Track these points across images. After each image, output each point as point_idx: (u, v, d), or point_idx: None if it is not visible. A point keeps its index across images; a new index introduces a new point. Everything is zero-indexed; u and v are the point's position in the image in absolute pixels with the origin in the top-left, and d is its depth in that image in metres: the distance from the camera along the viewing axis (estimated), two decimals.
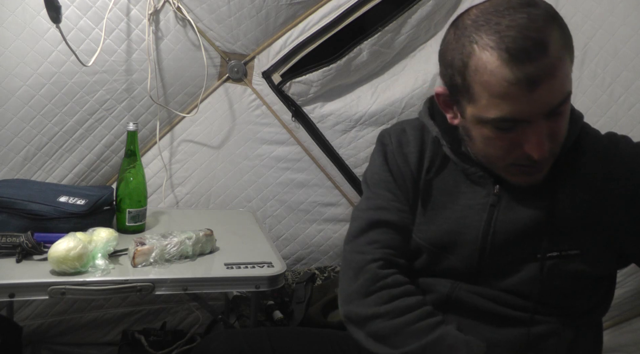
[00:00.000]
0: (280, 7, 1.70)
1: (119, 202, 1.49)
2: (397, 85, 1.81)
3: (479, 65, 0.82)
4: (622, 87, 1.60)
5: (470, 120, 0.89)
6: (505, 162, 0.90)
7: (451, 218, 0.98)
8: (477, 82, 0.83)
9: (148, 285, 1.22)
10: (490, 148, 0.90)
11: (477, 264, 0.96)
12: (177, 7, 1.67)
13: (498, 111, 0.83)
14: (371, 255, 0.98)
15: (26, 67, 1.58)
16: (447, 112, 0.96)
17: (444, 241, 0.98)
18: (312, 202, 1.95)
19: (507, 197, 0.95)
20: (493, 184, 0.97)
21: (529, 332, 0.94)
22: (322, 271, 1.95)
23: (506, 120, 0.84)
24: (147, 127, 1.81)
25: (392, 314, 0.91)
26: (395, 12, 1.71)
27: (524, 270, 0.94)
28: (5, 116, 1.60)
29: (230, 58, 1.81)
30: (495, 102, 0.83)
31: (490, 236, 0.95)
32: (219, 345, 1.07)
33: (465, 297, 0.97)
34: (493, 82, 0.81)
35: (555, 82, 0.81)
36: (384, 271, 0.96)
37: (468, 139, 0.94)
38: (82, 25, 1.61)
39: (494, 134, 0.87)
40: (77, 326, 1.88)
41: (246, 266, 1.33)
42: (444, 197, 1.00)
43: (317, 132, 1.87)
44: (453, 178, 1.00)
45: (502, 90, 0.81)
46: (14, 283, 1.16)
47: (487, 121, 0.86)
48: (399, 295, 0.94)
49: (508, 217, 0.95)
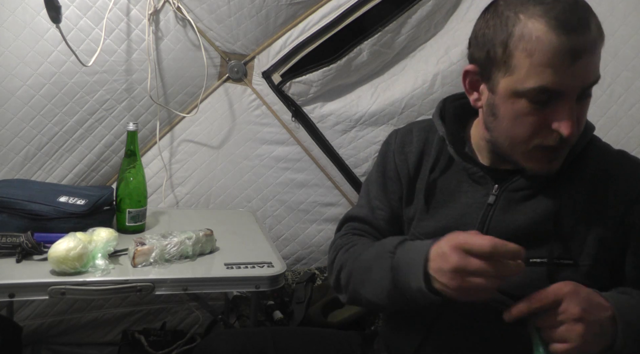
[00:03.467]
0: (280, 7, 1.70)
1: (119, 202, 1.49)
2: (397, 85, 1.81)
3: (524, 32, 0.83)
4: (622, 87, 1.60)
5: (502, 94, 0.88)
6: (529, 144, 0.89)
7: (451, 215, 1.00)
8: (520, 49, 0.84)
9: (148, 285, 1.22)
10: (518, 126, 0.88)
11: None
12: (177, 7, 1.67)
13: (538, 79, 0.83)
14: (338, 245, 1.09)
15: (26, 67, 1.58)
16: (471, 94, 0.97)
17: (442, 236, 0.99)
18: (312, 202, 1.96)
19: (505, 198, 0.96)
20: (492, 184, 0.98)
21: (519, 331, 0.92)
22: (322, 271, 1.95)
23: (544, 91, 0.84)
24: (147, 127, 1.81)
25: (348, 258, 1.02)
26: (395, 12, 1.71)
27: None
28: (5, 116, 1.60)
29: (230, 58, 1.81)
30: (536, 70, 0.83)
31: (484, 233, 0.94)
32: (220, 344, 1.08)
33: None
34: (538, 49, 0.82)
35: (593, 59, 0.84)
36: (339, 240, 1.10)
37: (493, 119, 0.92)
38: (82, 25, 1.61)
39: (527, 108, 0.86)
40: (77, 326, 1.88)
41: (246, 266, 1.33)
42: (446, 196, 1.01)
43: (317, 132, 1.87)
44: (456, 178, 1.02)
45: (546, 57, 0.82)
46: (14, 283, 1.15)
47: (523, 92, 0.85)
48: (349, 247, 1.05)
49: (503, 217, 0.95)
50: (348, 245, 1.07)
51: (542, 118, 0.86)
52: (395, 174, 1.08)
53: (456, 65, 1.73)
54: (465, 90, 0.98)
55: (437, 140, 1.05)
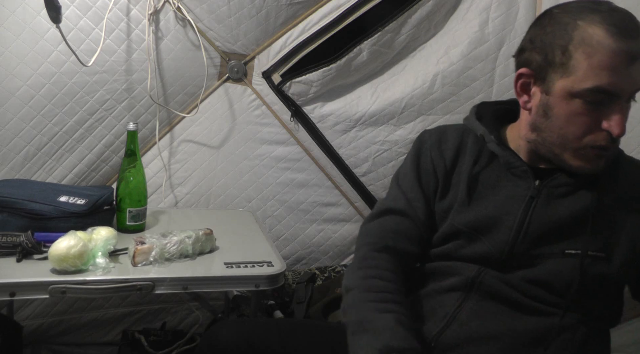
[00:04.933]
0: (280, 7, 1.71)
1: (119, 202, 1.49)
2: (397, 85, 1.81)
3: (585, 36, 0.91)
4: None
5: (558, 94, 0.95)
6: (581, 143, 0.96)
7: (492, 206, 1.04)
8: (580, 52, 0.91)
9: (148, 283, 1.22)
10: (571, 125, 0.95)
11: (508, 250, 1.01)
12: (177, 7, 1.67)
13: (596, 80, 0.90)
14: (370, 238, 1.09)
15: (26, 67, 1.58)
16: (521, 96, 1.04)
17: (483, 224, 1.04)
18: (312, 202, 1.96)
19: (546, 193, 1.02)
20: (533, 179, 1.03)
21: (546, 323, 0.97)
22: (323, 271, 1.95)
23: (600, 91, 0.91)
24: (147, 127, 1.81)
25: (358, 289, 1.00)
26: (395, 12, 1.71)
27: (551, 264, 0.99)
28: (5, 116, 1.60)
29: (230, 58, 1.81)
30: (594, 72, 0.90)
31: (525, 225, 1.01)
32: (227, 333, 1.08)
33: (489, 282, 1.01)
34: (598, 51, 0.90)
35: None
36: (373, 253, 1.06)
37: (544, 120, 0.99)
38: (82, 25, 1.61)
39: (581, 108, 0.93)
40: (77, 326, 1.88)
41: (246, 265, 1.33)
42: (487, 189, 1.06)
43: (317, 132, 1.87)
44: (496, 173, 1.07)
45: (604, 60, 0.89)
46: (14, 282, 1.16)
47: (579, 92, 0.92)
48: (373, 275, 1.02)
49: (544, 210, 1.01)
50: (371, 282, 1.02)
51: (594, 119, 0.93)
52: (432, 168, 1.11)
53: (456, 65, 1.74)
54: (516, 93, 1.05)
55: (474, 140, 1.10)
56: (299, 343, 1.09)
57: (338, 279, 1.86)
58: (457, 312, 1.01)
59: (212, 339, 1.09)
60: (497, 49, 1.71)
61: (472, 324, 0.99)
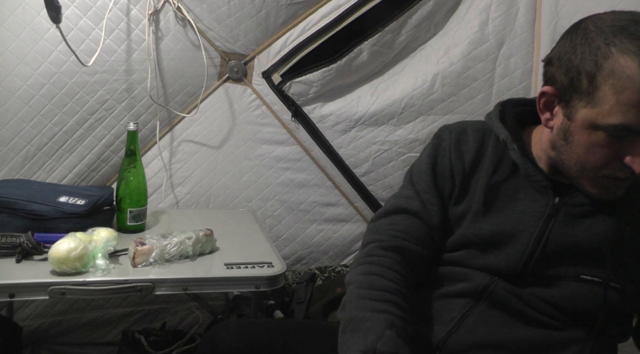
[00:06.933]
0: (280, 7, 1.70)
1: (119, 202, 1.49)
2: (397, 85, 1.81)
3: (615, 68, 0.83)
4: None
5: (580, 123, 0.89)
6: (599, 173, 0.91)
7: (507, 221, 1.00)
8: (608, 85, 0.84)
9: (148, 285, 1.22)
10: (591, 155, 0.90)
11: (521, 268, 0.98)
12: (177, 7, 1.67)
13: (622, 118, 0.84)
14: (379, 236, 1.03)
15: (26, 67, 1.58)
16: (543, 113, 0.97)
17: (496, 239, 1.00)
18: (312, 202, 1.96)
19: (565, 211, 0.97)
20: (553, 196, 0.99)
21: (553, 336, 0.96)
22: (323, 271, 1.95)
23: (625, 129, 0.84)
24: (147, 127, 1.81)
25: (358, 284, 0.95)
26: (395, 12, 1.71)
27: (564, 285, 0.96)
28: (5, 116, 1.60)
29: (230, 58, 1.81)
30: (622, 109, 0.83)
31: (542, 243, 0.97)
32: (228, 334, 1.07)
33: (500, 293, 0.98)
34: (628, 87, 0.82)
35: None
36: (378, 251, 1.01)
37: (564, 142, 0.94)
38: (82, 25, 1.61)
39: (603, 141, 0.88)
40: (77, 326, 1.88)
41: (246, 266, 1.33)
42: (504, 201, 1.02)
43: (317, 132, 1.87)
44: (515, 184, 1.02)
45: (635, 98, 0.82)
46: (14, 283, 1.15)
47: (603, 126, 0.86)
48: (374, 272, 0.97)
49: (564, 230, 0.96)
50: (371, 279, 0.98)
51: (617, 151, 0.88)
52: (449, 170, 1.06)
53: (456, 65, 1.73)
54: (538, 109, 0.98)
55: (496, 143, 1.05)
56: (300, 343, 1.09)
57: (338, 279, 1.86)
58: (465, 318, 0.99)
59: (212, 340, 1.08)
60: (497, 49, 1.71)
61: (479, 331, 0.97)
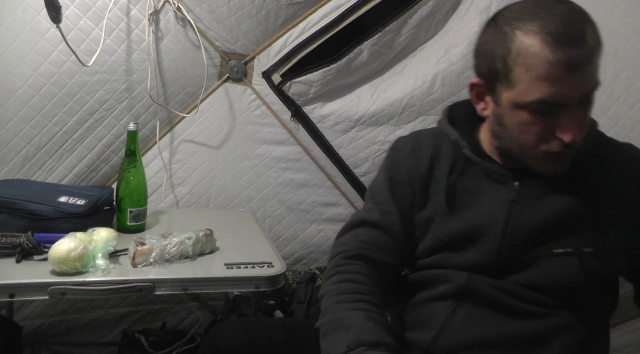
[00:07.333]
0: (280, 7, 1.70)
1: (119, 202, 1.49)
2: (397, 85, 1.81)
3: (521, 48, 0.88)
4: (622, 87, 1.60)
5: (506, 106, 0.93)
6: (537, 150, 0.94)
7: (476, 215, 1.02)
8: (519, 65, 0.88)
9: (148, 285, 1.22)
10: (523, 134, 0.93)
11: (496, 257, 0.99)
12: (177, 7, 1.67)
13: (538, 93, 0.88)
14: (344, 247, 1.07)
15: (26, 67, 1.58)
16: (478, 104, 1.02)
17: (467, 236, 1.01)
18: (312, 202, 1.95)
19: (527, 194, 0.99)
20: (513, 182, 1.01)
21: (542, 325, 0.96)
22: (323, 271, 1.95)
23: (544, 103, 0.88)
24: (147, 127, 1.81)
25: (331, 293, 0.99)
26: (395, 12, 1.71)
27: (540, 265, 0.97)
28: (5, 116, 1.60)
29: (230, 58, 1.81)
30: (535, 84, 0.87)
31: (509, 229, 0.98)
32: (232, 332, 1.07)
33: (481, 289, 0.99)
34: (536, 64, 0.86)
35: (591, 69, 0.87)
36: (344, 260, 1.05)
37: (500, 128, 0.97)
38: (82, 25, 1.61)
39: (530, 118, 0.91)
40: (77, 326, 1.88)
41: (246, 266, 1.33)
42: (468, 197, 1.03)
43: (317, 132, 1.87)
44: (475, 179, 1.04)
45: (544, 72, 0.86)
46: (14, 283, 1.16)
47: (524, 105, 0.90)
48: (344, 279, 1.01)
49: (527, 213, 0.98)
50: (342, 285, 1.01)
51: (546, 127, 0.91)
52: (406, 179, 1.08)
53: (456, 65, 1.73)
54: (473, 100, 1.03)
55: (449, 145, 1.07)
56: (303, 342, 1.08)
57: None
58: (450, 319, 0.99)
59: (216, 338, 1.08)
60: None
61: (466, 331, 0.98)
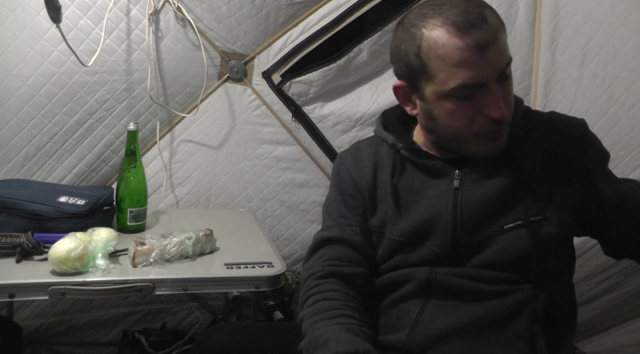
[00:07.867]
0: (280, 7, 1.70)
1: (119, 202, 1.49)
2: None
3: (430, 42, 0.93)
4: (622, 87, 1.60)
5: (431, 99, 0.98)
6: (471, 132, 0.97)
7: (424, 210, 1.05)
8: (433, 58, 0.93)
9: (148, 285, 1.22)
10: (454, 121, 0.97)
11: (452, 246, 1.02)
12: (177, 7, 1.67)
13: (457, 79, 0.92)
14: (312, 270, 1.09)
15: (26, 67, 1.58)
16: (406, 105, 1.06)
17: (420, 231, 1.04)
18: (312, 202, 1.95)
19: (469, 178, 1.03)
20: (453, 171, 1.04)
21: (506, 302, 0.98)
22: None
23: (466, 87, 0.92)
24: (147, 127, 1.81)
25: (308, 315, 1.00)
26: (395, 12, 1.71)
27: (495, 243, 1.00)
28: (5, 116, 1.60)
29: (230, 58, 1.81)
30: (452, 72, 0.92)
31: (458, 216, 1.01)
32: (219, 338, 1.08)
33: (443, 280, 1.01)
34: (448, 53, 0.91)
35: (500, 46, 0.92)
36: (315, 281, 1.06)
37: (432, 122, 1.01)
38: (82, 25, 1.61)
39: (455, 105, 0.95)
40: (77, 326, 1.88)
41: (246, 266, 1.33)
42: (414, 196, 1.07)
43: (317, 132, 1.87)
44: (417, 177, 1.07)
45: (457, 58, 0.91)
46: (14, 283, 1.15)
47: (447, 93, 0.94)
48: (319, 299, 1.02)
49: (472, 196, 1.02)
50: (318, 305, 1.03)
51: (474, 109, 0.95)
52: (354, 189, 1.12)
53: None
54: (400, 103, 1.07)
55: (388, 149, 1.11)
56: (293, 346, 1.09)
57: None
58: (420, 315, 1.02)
59: (204, 343, 1.09)
60: None
61: (436, 323, 1.00)
